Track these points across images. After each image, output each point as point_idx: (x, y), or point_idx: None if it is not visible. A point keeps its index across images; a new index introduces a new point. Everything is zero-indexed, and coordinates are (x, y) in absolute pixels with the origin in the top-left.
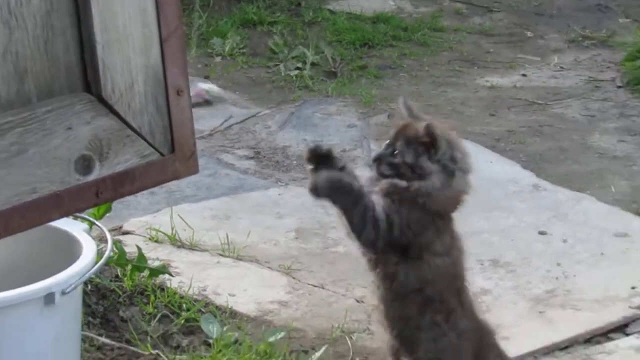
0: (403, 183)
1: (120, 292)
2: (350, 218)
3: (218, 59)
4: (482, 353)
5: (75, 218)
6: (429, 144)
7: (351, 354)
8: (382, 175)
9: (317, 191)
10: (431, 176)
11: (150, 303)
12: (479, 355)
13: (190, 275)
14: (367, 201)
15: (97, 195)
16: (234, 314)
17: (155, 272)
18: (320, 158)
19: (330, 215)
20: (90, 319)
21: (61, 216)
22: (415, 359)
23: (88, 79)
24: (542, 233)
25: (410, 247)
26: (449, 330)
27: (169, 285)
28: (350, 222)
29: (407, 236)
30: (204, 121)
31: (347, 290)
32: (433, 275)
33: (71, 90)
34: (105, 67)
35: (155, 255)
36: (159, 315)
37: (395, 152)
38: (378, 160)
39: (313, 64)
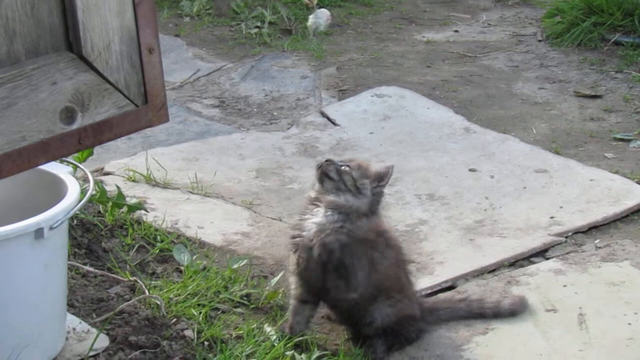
0: (341, 200)
1: (102, 226)
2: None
3: (187, 19)
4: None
5: (61, 162)
6: (379, 176)
7: None
8: (325, 176)
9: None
10: (364, 198)
11: (129, 235)
12: None
13: (164, 211)
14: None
15: (80, 142)
16: (202, 244)
17: (132, 208)
18: None
19: (286, 157)
20: (76, 250)
21: (48, 161)
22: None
23: (70, 39)
24: (472, 170)
25: None
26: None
27: (145, 219)
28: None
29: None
30: (175, 74)
31: None
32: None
33: (55, 50)
34: (85, 28)
35: (133, 193)
36: (136, 246)
37: (346, 166)
38: (329, 161)
39: (271, 23)
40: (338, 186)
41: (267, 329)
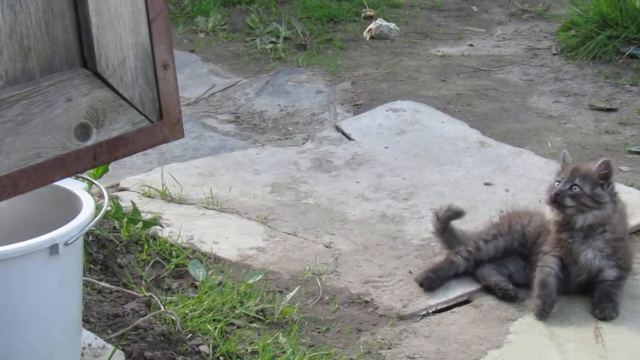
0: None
1: (118, 242)
2: None
3: (202, 34)
4: None
5: (76, 178)
6: (605, 176)
7: (320, 293)
8: (563, 207)
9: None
10: (606, 205)
11: (144, 251)
12: None
13: (179, 226)
14: None
15: (95, 158)
16: (217, 259)
17: (148, 223)
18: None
19: (301, 171)
20: (91, 265)
21: (63, 177)
22: None
23: (85, 55)
24: (487, 184)
25: None
26: None
27: (160, 235)
28: None
29: None
30: (191, 89)
31: (317, 237)
32: None
33: (70, 66)
34: (100, 45)
35: (148, 208)
36: (152, 262)
37: (574, 187)
38: (558, 194)
39: (285, 38)
40: None
41: (282, 339)
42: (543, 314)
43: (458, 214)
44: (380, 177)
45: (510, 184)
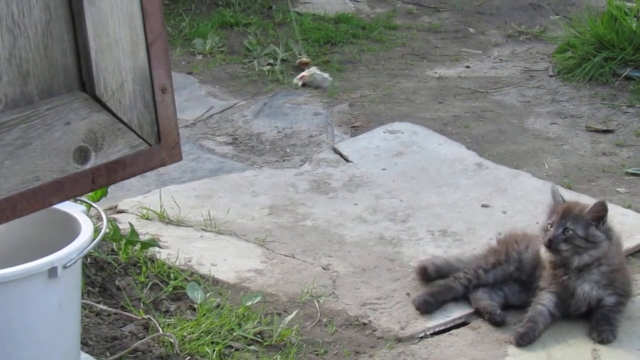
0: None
1: (116, 264)
2: None
3: (199, 57)
4: None
5: (75, 200)
6: (598, 217)
7: (319, 315)
8: (558, 251)
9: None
10: (602, 244)
11: (142, 273)
12: None
13: (177, 248)
14: None
15: (93, 182)
16: (215, 281)
17: (146, 245)
18: None
19: (299, 193)
20: (89, 288)
21: (61, 201)
22: None
23: (83, 79)
24: (484, 206)
25: None
26: None
27: (158, 257)
28: None
29: None
30: (188, 111)
31: (315, 259)
32: None
33: (69, 90)
34: (98, 68)
35: (146, 230)
36: (150, 284)
37: (567, 230)
38: (552, 241)
39: (283, 60)
40: None
41: None
42: (520, 342)
43: (425, 268)
44: (377, 199)
45: (508, 205)
